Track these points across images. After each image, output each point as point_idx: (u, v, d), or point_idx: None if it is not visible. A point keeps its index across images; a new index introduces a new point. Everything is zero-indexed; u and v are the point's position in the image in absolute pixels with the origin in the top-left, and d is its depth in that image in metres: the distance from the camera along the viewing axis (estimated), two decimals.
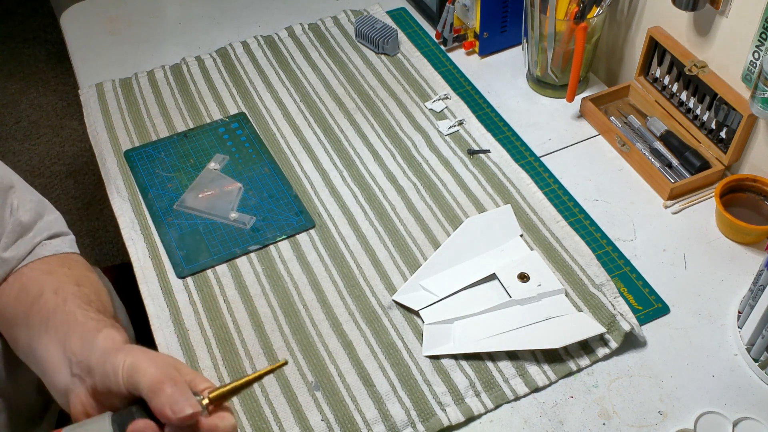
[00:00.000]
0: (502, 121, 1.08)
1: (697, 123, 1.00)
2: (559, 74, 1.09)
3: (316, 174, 1.01)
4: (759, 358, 0.79)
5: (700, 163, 0.97)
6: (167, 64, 1.18)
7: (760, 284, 0.77)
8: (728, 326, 0.83)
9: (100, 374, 0.55)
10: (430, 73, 1.15)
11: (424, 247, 0.92)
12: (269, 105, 1.11)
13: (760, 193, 0.93)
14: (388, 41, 1.17)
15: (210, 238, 0.93)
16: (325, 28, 1.24)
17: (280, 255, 0.92)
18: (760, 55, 0.87)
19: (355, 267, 0.90)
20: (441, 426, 0.76)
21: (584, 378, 0.79)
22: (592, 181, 0.99)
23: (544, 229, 0.93)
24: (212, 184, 0.99)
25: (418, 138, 1.05)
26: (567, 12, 1.03)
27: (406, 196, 0.98)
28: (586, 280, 0.87)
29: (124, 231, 0.95)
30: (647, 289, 0.87)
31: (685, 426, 0.75)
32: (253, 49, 1.21)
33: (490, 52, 1.19)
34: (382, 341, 0.83)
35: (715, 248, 0.91)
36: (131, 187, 1.00)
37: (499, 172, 1.00)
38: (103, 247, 1.93)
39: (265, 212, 0.96)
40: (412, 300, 0.86)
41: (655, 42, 1.02)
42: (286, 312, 0.86)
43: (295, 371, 0.81)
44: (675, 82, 1.02)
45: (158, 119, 1.10)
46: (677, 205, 0.95)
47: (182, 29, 1.27)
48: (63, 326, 0.64)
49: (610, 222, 0.94)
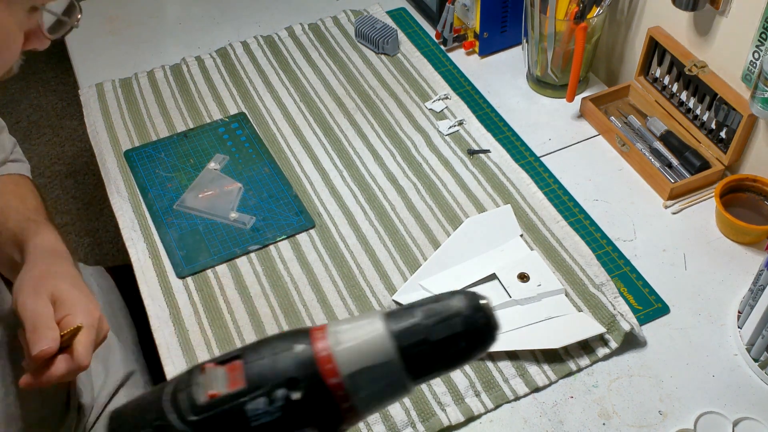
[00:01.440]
0: (502, 121, 1.08)
1: (697, 123, 1.00)
2: (559, 74, 1.09)
3: (316, 174, 1.01)
4: (759, 358, 0.79)
5: (700, 163, 0.97)
6: (167, 64, 1.18)
7: (760, 284, 0.77)
8: (728, 326, 0.83)
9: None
10: (430, 73, 1.15)
11: (424, 247, 0.92)
12: (269, 105, 1.11)
13: (760, 193, 0.93)
14: (388, 41, 1.17)
15: (210, 238, 0.93)
16: (325, 28, 1.24)
17: (280, 255, 0.92)
18: (760, 55, 0.87)
19: (355, 267, 0.90)
20: (441, 426, 0.76)
21: (584, 378, 0.79)
22: (592, 181, 0.99)
23: (544, 229, 0.93)
24: (212, 184, 0.99)
25: (418, 138, 1.05)
26: (567, 12, 1.03)
27: (406, 196, 0.98)
28: (586, 280, 0.87)
29: (124, 231, 0.95)
30: (647, 289, 0.87)
31: (685, 426, 0.75)
32: (253, 49, 1.21)
33: (490, 52, 1.19)
34: None
35: (715, 248, 0.91)
36: (131, 187, 1.00)
37: (499, 172, 1.00)
38: (103, 247, 1.93)
39: (265, 212, 0.96)
40: (412, 300, 0.85)
41: (655, 42, 1.02)
42: (286, 312, 0.86)
43: None
44: (675, 82, 1.02)
45: (158, 119, 1.10)
46: (677, 205, 0.95)
47: (182, 29, 1.27)
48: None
49: (610, 222, 0.94)
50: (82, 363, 0.67)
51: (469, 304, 0.41)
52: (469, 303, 0.41)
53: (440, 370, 0.41)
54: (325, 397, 0.39)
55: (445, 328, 0.40)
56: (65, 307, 0.69)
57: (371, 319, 0.42)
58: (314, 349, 0.40)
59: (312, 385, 0.39)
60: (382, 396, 0.41)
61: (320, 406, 0.40)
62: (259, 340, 0.42)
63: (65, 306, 0.70)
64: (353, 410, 0.40)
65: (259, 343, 0.42)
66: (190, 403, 0.40)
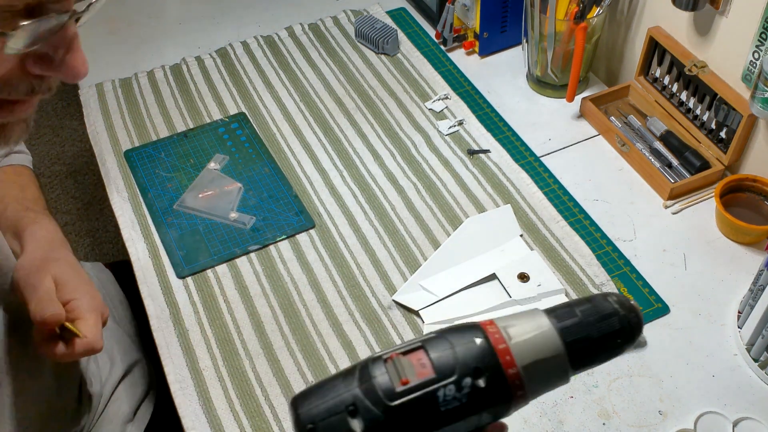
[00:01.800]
0: (502, 121, 1.08)
1: (697, 123, 1.00)
2: (559, 74, 1.09)
3: (316, 174, 1.01)
4: (759, 358, 0.79)
5: (700, 163, 0.97)
6: (167, 64, 1.18)
7: (760, 284, 0.77)
8: (728, 326, 0.83)
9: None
10: (430, 73, 1.15)
11: (424, 247, 0.91)
12: (269, 105, 1.11)
13: (760, 193, 0.93)
14: (388, 41, 1.17)
15: (210, 238, 0.93)
16: (325, 28, 1.24)
17: (280, 255, 0.92)
18: (760, 55, 0.87)
19: (355, 267, 0.90)
20: None
21: (584, 378, 0.79)
22: (592, 181, 0.99)
23: (544, 229, 0.93)
24: (212, 184, 0.99)
25: (418, 138, 1.05)
26: (567, 12, 1.03)
27: (406, 196, 0.98)
28: (586, 280, 0.87)
29: (124, 231, 0.95)
30: (647, 289, 0.87)
31: (685, 426, 0.75)
32: (253, 49, 1.21)
33: (490, 52, 1.19)
34: (382, 341, 0.83)
35: (715, 248, 0.91)
36: (131, 187, 1.00)
37: (499, 172, 1.00)
38: (103, 247, 1.93)
39: (265, 212, 0.96)
40: (412, 300, 0.86)
41: (655, 42, 1.02)
42: (286, 312, 0.86)
43: (295, 371, 0.81)
44: (675, 82, 1.02)
45: (158, 119, 1.10)
46: (677, 205, 0.95)
47: (182, 29, 1.27)
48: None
49: (610, 222, 0.94)
50: (97, 345, 0.69)
51: (623, 305, 0.47)
52: (623, 304, 0.47)
53: (596, 362, 0.48)
54: (503, 385, 0.45)
55: (605, 327, 0.47)
56: (68, 290, 0.71)
57: (537, 317, 0.47)
58: (493, 342, 0.45)
59: (493, 374, 0.45)
60: (547, 384, 0.47)
61: (498, 392, 0.45)
62: (429, 335, 0.47)
63: (68, 288, 0.71)
64: (523, 396, 0.46)
65: (434, 337, 0.46)
66: (385, 389, 0.44)
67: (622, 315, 0.47)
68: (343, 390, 0.45)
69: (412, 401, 0.44)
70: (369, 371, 0.45)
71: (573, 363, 0.46)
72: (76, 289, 0.71)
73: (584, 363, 0.47)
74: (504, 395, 0.45)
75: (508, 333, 0.46)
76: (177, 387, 0.80)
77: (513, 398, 0.45)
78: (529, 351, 0.46)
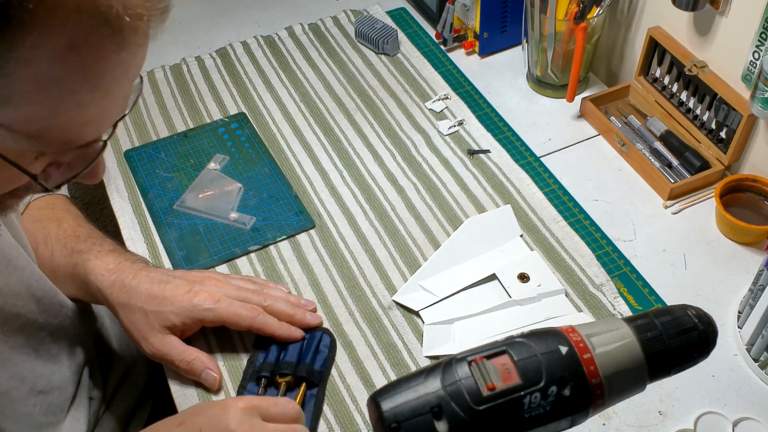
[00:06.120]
0: (502, 121, 1.08)
1: (697, 123, 1.00)
2: (559, 74, 1.09)
3: (316, 174, 1.01)
4: (759, 358, 0.79)
5: (700, 163, 0.97)
6: (167, 64, 1.18)
7: (760, 284, 0.77)
8: (728, 326, 0.83)
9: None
10: (430, 73, 1.15)
11: (424, 247, 0.92)
12: (269, 105, 1.11)
13: (760, 193, 0.93)
14: (388, 41, 1.17)
15: (210, 238, 0.93)
16: (325, 28, 1.24)
17: (280, 255, 0.92)
18: (760, 55, 0.87)
19: (355, 267, 0.90)
20: None
21: None
22: (592, 181, 0.99)
23: (544, 230, 0.93)
24: (212, 184, 0.99)
25: (418, 138, 1.05)
26: (567, 12, 1.03)
27: (406, 196, 0.98)
28: (586, 280, 0.87)
29: (124, 231, 0.95)
30: (647, 289, 0.87)
31: (685, 426, 0.75)
32: (253, 49, 1.21)
33: (490, 52, 1.19)
34: (382, 341, 0.83)
35: (715, 248, 0.91)
36: (131, 187, 1.00)
37: (499, 172, 1.00)
38: None
39: (265, 212, 0.96)
40: (413, 300, 0.86)
41: (655, 42, 1.02)
42: None
43: None
44: (675, 82, 1.02)
45: (158, 119, 1.10)
46: (677, 205, 0.95)
47: (182, 29, 1.27)
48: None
49: (610, 222, 0.94)
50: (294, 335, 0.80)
51: (702, 320, 0.49)
52: (701, 318, 0.49)
53: (671, 373, 0.50)
54: (586, 393, 0.46)
55: (685, 340, 0.49)
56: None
57: (618, 327, 0.48)
58: (578, 351, 0.46)
59: (577, 383, 0.46)
60: (625, 392, 0.48)
61: (580, 401, 0.46)
62: (510, 339, 0.48)
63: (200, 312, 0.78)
64: (602, 404, 0.47)
65: (517, 342, 0.47)
66: (471, 392, 0.45)
67: (701, 329, 0.49)
68: (427, 390, 0.45)
69: (498, 406, 0.44)
70: (453, 373, 0.46)
71: (651, 373, 0.48)
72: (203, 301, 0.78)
73: (660, 373, 0.49)
74: (585, 403, 0.46)
75: (591, 342, 0.47)
76: (177, 387, 0.80)
77: (593, 406, 0.47)
78: (612, 361, 0.47)
